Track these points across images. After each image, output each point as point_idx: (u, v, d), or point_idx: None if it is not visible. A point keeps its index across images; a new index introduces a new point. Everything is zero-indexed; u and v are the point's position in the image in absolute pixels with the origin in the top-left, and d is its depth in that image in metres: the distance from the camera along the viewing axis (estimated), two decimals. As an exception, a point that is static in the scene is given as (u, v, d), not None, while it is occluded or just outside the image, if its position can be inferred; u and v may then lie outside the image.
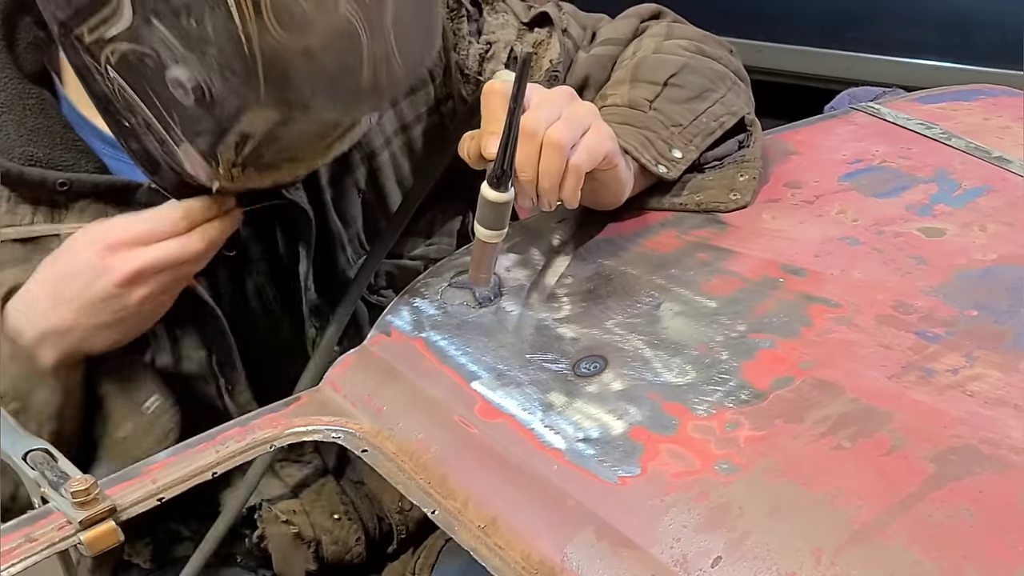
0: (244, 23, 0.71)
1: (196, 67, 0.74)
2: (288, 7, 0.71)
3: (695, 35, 1.13)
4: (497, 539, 0.70)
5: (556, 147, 0.82)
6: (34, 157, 0.90)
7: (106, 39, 0.78)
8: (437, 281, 0.92)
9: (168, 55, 0.75)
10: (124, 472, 0.77)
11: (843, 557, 0.62)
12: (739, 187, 0.99)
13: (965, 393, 0.74)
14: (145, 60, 0.76)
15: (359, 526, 1.08)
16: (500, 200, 0.81)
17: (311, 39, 0.72)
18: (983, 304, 0.84)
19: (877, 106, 1.21)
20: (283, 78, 0.74)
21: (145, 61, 0.76)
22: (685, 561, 0.64)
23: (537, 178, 0.83)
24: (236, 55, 0.72)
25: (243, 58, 0.72)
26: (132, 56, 0.77)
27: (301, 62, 0.73)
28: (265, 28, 0.71)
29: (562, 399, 0.78)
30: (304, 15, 0.71)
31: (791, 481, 0.68)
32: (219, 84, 0.74)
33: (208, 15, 0.71)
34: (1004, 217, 0.97)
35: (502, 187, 0.80)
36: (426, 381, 0.82)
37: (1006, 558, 0.62)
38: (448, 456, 0.76)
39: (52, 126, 0.91)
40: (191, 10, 0.71)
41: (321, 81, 0.75)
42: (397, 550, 1.13)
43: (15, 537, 0.70)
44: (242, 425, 0.81)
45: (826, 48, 3.44)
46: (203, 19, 0.71)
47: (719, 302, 0.86)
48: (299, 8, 0.71)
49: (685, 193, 1.00)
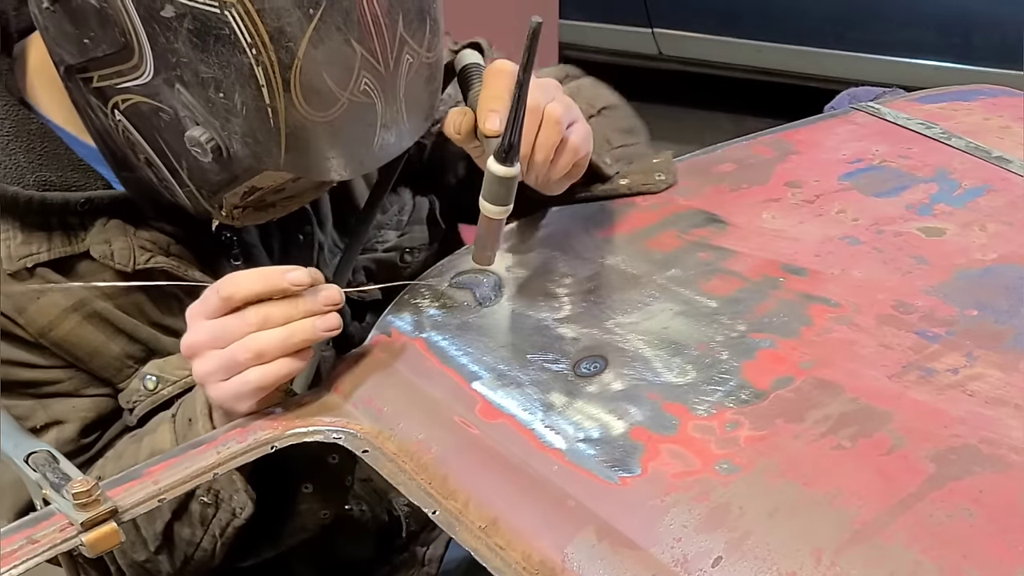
0: (273, 99, 0.74)
1: (217, 131, 0.76)
2: (315, 85, 0.74)
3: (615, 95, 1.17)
4: (498, 539, 0.70)
5: (555, 122, 0.85)
6: (48, 181, 0.89)
7: (117, 88, 0.79)
8: (437, 281, 0.92)
9: (187, 115, 0.77)
10: (125, 473, 0.77)
11: (843, 557, 0.62)
12: (661, 168, 1.03)
13: (965, 393, 0.74)
14: (160, 113, 0.78)
15: (369, 518, 1.09)
16: (507, 175, 0.81)
17: (334, 113, 0.76)
18: (983, 304, 0.84)
19: (877, 106, 1.21)
20: (303, 147, 0.77)
21: (160, 114, 0.78)
22: (686, 561, 0.64)
23: (532, 152, 0.85)
24: (261, 126, 0.75)
25: (268, 130, 0.75)
26: (145, 107, 0.79)
27: (322, 133, 0.76)
28: (292, 104, 0.74)
29: (562, 399, 0.78)
30: (329, 92, 0.75)
31: (791, 481, 0.68)
32: (239, 147, 0.77)
33: (238, 90, 0.73)
34: (1004, 217, 0.97)
35: (509, 161, 0.80)
36: (427, 382, 0.82)
37: (1006, 558, 0.62)
38: (449, 456, 0.76)
39: (56, 149, 0.90)
40: (220, 84, 0.73)
41: (338, 149, 0.78)
42: (405, 542, 1.13)
43: (17, 539, 0.70)
44: (243, 426, 0.81)
45: (826, 48, 3.45)
46: (232, 92, 0.73)
47: (719, 302, 0.86)
48: (325, 85, 0.74)
49: (610, 184, 1.03)
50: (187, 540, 0.92)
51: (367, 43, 0.74)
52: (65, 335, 0.91)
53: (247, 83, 0.73)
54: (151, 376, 0.94)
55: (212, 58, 0.72)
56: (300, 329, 0.80)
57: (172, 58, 0.74)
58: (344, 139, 0.78)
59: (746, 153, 1.10)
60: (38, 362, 0.92)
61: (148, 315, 0.94)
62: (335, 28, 0.73)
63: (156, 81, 0.76)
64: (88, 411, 0.94)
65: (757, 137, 1.13)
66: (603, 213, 0.99)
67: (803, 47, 3.49)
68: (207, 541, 0.91)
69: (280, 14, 0.71)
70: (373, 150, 0.80)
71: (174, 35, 0.72)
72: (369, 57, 0.75)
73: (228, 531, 0.90)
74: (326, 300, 0.81)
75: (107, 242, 0.90)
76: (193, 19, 0.71)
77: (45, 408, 0.93)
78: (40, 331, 0.90)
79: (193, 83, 0.74)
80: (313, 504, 0.94)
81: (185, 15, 0.71)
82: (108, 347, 0.93)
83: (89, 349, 0.92)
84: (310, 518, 0.95)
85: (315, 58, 0.73)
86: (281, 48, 0.72)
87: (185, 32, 0.72)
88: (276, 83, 0.73)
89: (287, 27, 0.71)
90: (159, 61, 0.74)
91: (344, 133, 0.77)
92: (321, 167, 0.79)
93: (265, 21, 0.71)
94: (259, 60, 0.72)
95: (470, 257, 0.93)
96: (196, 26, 0.71)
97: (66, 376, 0.93)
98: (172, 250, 0.92)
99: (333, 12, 0.72)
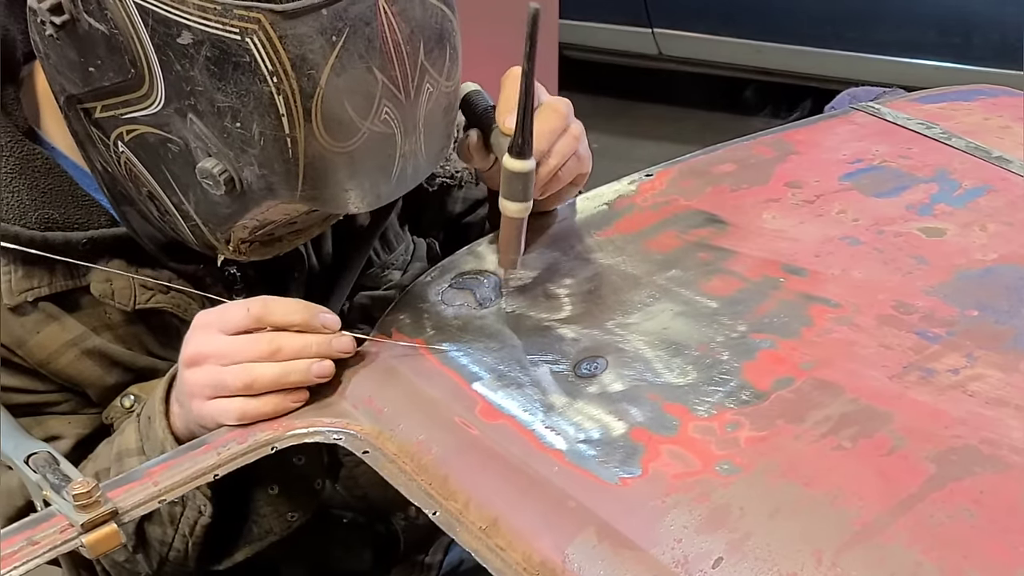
0: (293, 128, 0.71)
1: (230, 162, 0.74)
2: (337, 114, 0.72)
3: None
4: (498, 540, 0.70)
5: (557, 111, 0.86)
6: (51, 220, 0.88)
7: (123, 118, 0.77)
8: (438, 282, 0.92)
9: (199, 145, 0.74)
10: (125, 475, 0.77)
11: (844, 557, 0.62)
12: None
13: (966, 393, 0.74)
14: (168, 144, 0.76)
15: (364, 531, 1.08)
16: (524, 169, 0.81)
17: (354, 143, 0.74)
18: (983, 304, 0.84)
19: (877, 106, 1.21)
20: (321, 178, 0.75)
21: (168, 145, 0.76)
22: (686, 562, 0.64)
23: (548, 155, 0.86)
24: (279, 157, 0.73)
25: (286, 160, 0.73)
26: (152, 138, 0.77)
27: (342, 163, 0.74)
28: (312, 134, 0.72)
29: (563, 400, 0.78)
30: (351, 121, 0.73)
31: (792, 482, 0.68)
32: (253, 179, 0.74)
33: (256, 119, 0.71)
34: (1004, 217, 0.97)
35: (525, 155, 0.81)
36: (427, 382, 0.82)
37: (1007, 558, 0.62)
38: (449, 457, 0.76)
39: (61, 185, 0.89)
40: (238, 113, 0.71)
41: (356, 180, 0.76)
42: (403, 555, 1.13)
43: (17, 540, 0.71)
44: (243, 427, 0.81)
45: (826, 48, 3.45)
46: (250, 122, 0.71)
47: (719, 302, 0.86)
48: (346, 115, 0.72)
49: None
50: (159, 540, 0.91)
51: (388, 71, 0.73)
52: (63, 368, 0.91)
53: (267, 112, 0.70)
54: (130, 396, 0.93)
55: (230, 87, 0.70)
56: (295, 370, 0.80)
57: (186, 87, 0.71)
58: (363, 170, 0.76)
59: (746, 153, 1.10)
60: (36, 387, 0.92)
61: (147, 347, 0.94)
62: (357, 56, 0.71)
63: (167, 111, 0.74)
64: (84, 427, 0.95)
65: (757, 137, 1.13)
66: (603, 213, 0.99)
67: (803, 47, 3.49)
68: (178, 541, 0.91)
69: (303, 41, 0.69)
70: (391, 181, 0.78)
71: (190, 63, 0.70)
72: (390, 85, 0.73)
73: (197, 530, 0.90)
74: (340, 347, 0.81)
75: (108, 280, 0.90)
76: (212, 46, 0.69)
77: (41, 425, 0.93)
78: (39, 363, 0.91)
79: (208, 112, 0.72)
80: (279, 506, 0.93)
81: (203, 42, 0.69)
82: (104, 379, 0.93)
83: (86, 382, 0.93)
84: (276, 521, 0.94)
85: (337, 86, 0.70)
86: (303, 76, 0.69)
87: (203, 60, 0.69)
88: (297, 113, 0.70)
89: (309, 54, 0.69)
90: (171, 90, 0.72)
91: (363, 164, 0.75)
92: (339, 199, 0.77)
93: (287, 48, 0.68)
94: (280, 89, 0.69)
95: (471, 258, 0.94)
96: (214, 53, 0.69)
97: (63, 399, 0.94)
98: (173, 285, 0.92)
99: (356, 39, 0.70)
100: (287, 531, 0.95)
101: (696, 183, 1.04)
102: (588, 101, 4.05)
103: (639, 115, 3.93)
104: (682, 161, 1.08)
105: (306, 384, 0.81)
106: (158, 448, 0.86)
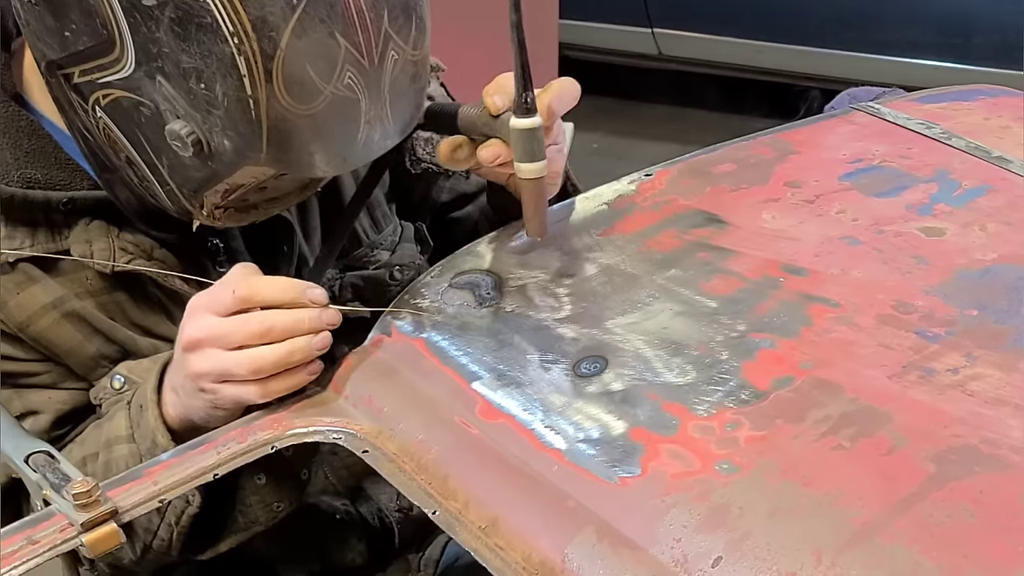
0: (255, 89, 0.73)
1: (198, 124, 0.75)
2: (298, 77, 0.73)
3: None
4: (498, 540, 0.70)
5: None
6: (32, 179, 0.89)
7: (98, 83, 0.78)
8: (438, 281, 0.92)
9: (168, 108, 0.76)
10: (126, 474, 0.77)
11: (843, 557, 0.62)
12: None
13: (965, 393, 0.74)
14: (140, 108, 0.77)
15: (357, 523, 1.08)
16: (532, 125, 0.81)
17: (316, 106, 0.75)
18: (983, 304, 0.84)
19: (877, 106, 1.21)
20: (286, 141, 0.76)
21: (140, 109, 0.77)
22: (685, 561, 0.64)
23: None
24: (243, 118, 0.74)
25: (249, 122, 0.74)
26: (126, 102, 0.78)
27: (305, 126, 0.75)
28: (274, 95, 0.73)
29: (562, 399, 0.78)
30: (312, 84, 0.74)
31: (791, 481, 0.68)
32: (220, 141, 0.76)
33: (219, 80, 0.72)
34: (1004, 217, 0.97)
35: (530, 113, 0.81)
36: (427, 382, 0.82)
37: (1007, 558, 0.62)
38: (449, 457, 0.76)
39: (44, 147, 0.90)
40: (202, 74, 0.72)
41: (320, 143, 0.77)
42: (398, 550, 1.13)
43: (17, 539, 0.71)
44: (243, 426, 0.81)
45: (826, 48, 3.45)
46: (213, 83, 0.73)
47: (719, 302, 0.86)
48: (307, 77, 0.73)
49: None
50: (144, 527, 0.91)
51: (351, 36, 0.74)
52: (42, 331, 0.91)
53: (229, 73, 0.72)
54: (119, 376, 0.94)
55: (194, 48, 0.71)
56: (296, 349, 0.80)
57: (153, 49, 0.73)
58: (327, 133, 0.77)
59: (746, 153, 1.09)
60: (17, 355, 0.92)
61: (128, 315, 0.94)
62: (319, 20, 0.72)
63: (137, 74, 0.75)
64: (63, 403, 0.95)
65: (757, 137, 1.13)
66: (603, 213, 0.99)
67: (803, 47, 3.49)
68: (163, 530, 0.91)
69: (263, 3, 0.70)
70: (357, 146, 0.79)
71: (156, 25, 0.72)
72: (353, 51, 0.74)
73: (183, 519, 0.90)
74: (329, 319, 0.81)
75: (88, 242, 0.90)
76: (175, 7, 0.70)
77: (21, 397, 0.93)
78: (19, 326, 0.91)
79: (174, 74, 0.73)
80: (266, 496, 0.94)
81: (167, 3, 0.71)
82: (84, 347, 0.93)
83: (65, 347, 0.93)
84: (262, 510, 0.94)
85: (298, 49, 0.72)
86: (264, 38, 0.71)
87: (167, 21, 0.71)
88: (258, 74, 0.72)
89: (270, 16, 0.70)
90: (140, 53, 0.74)
91: (327, 127, 0.77)
92: (303, 162, 0.78)
93: (248, 9, 0.70)
94: (241, 50, 0.71)
95: (471, 257, 0.94)
96: (178, 15, 0.71)
97: (44, 369, 0.94)
98: (155, 254, 0.92)
99: (317, 3, 0.72)
100: (272, 521, 0.95)
101: (696, 183, 1.04)
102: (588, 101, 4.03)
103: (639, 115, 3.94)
104: (682, 161, 1.08)
105: (311, 359, 0.81)
106: (149, 437, 0.86)
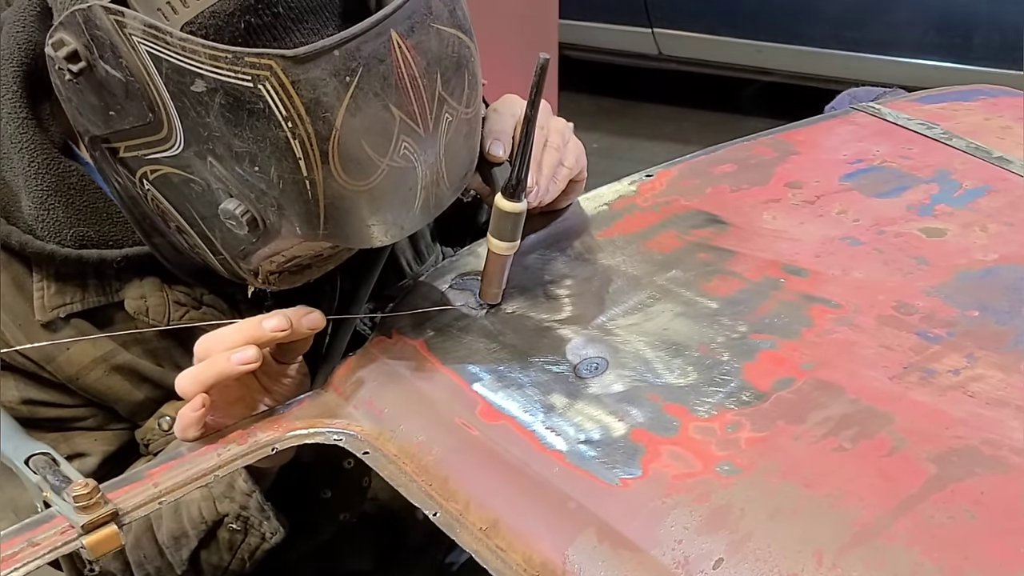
0: (311, 171, 0.70)
1: (252, 203, 0.73)
2: (354, 155, 0.71)
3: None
4: (499, 541, 0.70)
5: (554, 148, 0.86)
6: (85, 237, 0.87)
7: (146, 159, 0.76)
8: (438, 282, 0.92)
9: (220, 188, 0.74)
10: (126, 476, 0.77)
11: (844, 558, 0.62)
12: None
13: (966, 394, 0.74)
14: (191, 184, 0.75)
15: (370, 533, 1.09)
16: (515, 210, 0.82)
17: (374, 180, 0.73)
18: (984, 304, 0.84)
19: (877, 106, 1.21)
20: (343, 217, 0.74)
21: (191, 185, 0.76)
22: (687, 563, 0.64)
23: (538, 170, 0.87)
24: (299, 198, 0.72)
25: (306, 202, 0.72)
26: (175, 178, 0.76)
27: (363, 202, 0.74)
28: (331, 175, 0.71)
29: (563, 401, 0.78)
30: (369, 160, 0.72)
31: (792, 482, 0.68)
32: (276, 220, 0.74)
33: (274, 163, 0.70)
34: (1005, 217, 0.97)
35: (516, 197, 0.82)
36: (427, 383, 0.82)
37: (1008, 559, 0.62)
38: (449, 458, 0.76)
39: (96, 202, 0.88)
40: (255, 157, 0.70)
41: (379, 216, 0.75)
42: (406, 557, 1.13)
43: (18, 541, 0.70)
44: (244, 428, 0.81)
45: (826, 48, 3.45)
46: (267, 165, 0.71)
47: (720, 303, 0.86)
48: (364, 154, 0.71)
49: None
50: (215, 565, 0.92)
51: (406, 107, 0.71)
52: (92, 383, 0.91)
53: (283, 157, 0.70)
54: (167, 417, 0.93)
55: (246, 132, 0.69)
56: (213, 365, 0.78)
57: (204, 132, 0.71)
58: (384, 205, 0.75)
59: (746, 153, 1.10)
60: (64, 401, 0.92)
61: (175, 360, 0.94)
62: (372, 94, 0.70)
63: (187, 153, 0.73)
64: (109, 444, 0.95)
65: (757, 137, 1.13)
66: (603, 214, 0.99)
67: (803, 47, 3.49)
68: (235, 564, 0.92)
69: (316, 84, 0.67)
70: (414, 212, 0.77)
71: (205, 110, 0.69)
72: (408, 120, 0.72)
73: (257, 554, 0.91)
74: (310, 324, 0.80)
75: (143, 297, 0.90)
76: (225, 94, 0.68)
77: (67, 441, 0.93)
78: (68, 379, 0.91)
79: (226, 157, 0.71)
80: (331, 509, 0.95)
81: (216, 90, 0.68)
82: (133, 394, 0.93)
83: (114, 397, 0.93)
84: (329, 523, 0.95)
85: (353, 127, 0.69)
86: (318, 119, 0.68)
87: (217, 107, 0.69)
88: (314, 155, 0.69)
89: (323, 97, 0.68)
90: (189, 134, 0.72)
91: (385, 199, 0.74)
92: (362, 235, 0.76)
93: (300, 93, 0.67)
94: (295, 133, 0.69)
95: (471, 258, 0.94)
96: (228, 101, 0.68)
97: (90, 414, 0.94)
98: (205, 299, 0.92)
99: (370, 78, 0.69)
100: (336, 530, 0.96)
101: (696, 183, 1.04)
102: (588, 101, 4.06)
103: (639, 115, 3.94)
104: (682, 161, 1.08)
105: (230, 376, 0.78)
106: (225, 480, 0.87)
